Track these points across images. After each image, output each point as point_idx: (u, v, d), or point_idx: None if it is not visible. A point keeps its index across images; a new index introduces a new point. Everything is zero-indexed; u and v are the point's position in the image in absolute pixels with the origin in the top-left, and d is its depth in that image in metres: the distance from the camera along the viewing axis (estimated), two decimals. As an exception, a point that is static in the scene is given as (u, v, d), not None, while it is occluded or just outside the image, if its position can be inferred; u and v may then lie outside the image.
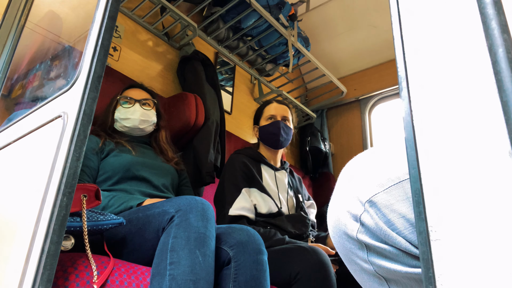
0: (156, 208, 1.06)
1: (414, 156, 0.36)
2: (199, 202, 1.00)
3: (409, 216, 0.48)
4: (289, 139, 1.84)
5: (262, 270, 1.06)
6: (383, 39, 2.74)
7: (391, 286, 0.51)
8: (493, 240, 0.30)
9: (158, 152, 1.59)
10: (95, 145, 1.43)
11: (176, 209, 1.00)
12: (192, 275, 0.88)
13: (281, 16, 2.35)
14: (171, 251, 0.92)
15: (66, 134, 0.80)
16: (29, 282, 0.68)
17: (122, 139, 1.51)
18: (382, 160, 0.53)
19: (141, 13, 2.09)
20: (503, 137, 0.31)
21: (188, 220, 0.96)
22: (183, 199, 1.02)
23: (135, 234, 1.07)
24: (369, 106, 2.94)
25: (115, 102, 1.58)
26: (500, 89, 0.32)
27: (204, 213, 0.99)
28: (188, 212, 0.97)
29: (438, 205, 0.33)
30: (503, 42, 0.33)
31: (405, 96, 0.39)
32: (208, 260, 0.93)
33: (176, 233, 0.95)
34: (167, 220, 0.99)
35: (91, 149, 1.41)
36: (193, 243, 0.92)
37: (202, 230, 0.95)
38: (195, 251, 0.91)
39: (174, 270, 0.89)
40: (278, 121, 1.80)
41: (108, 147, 1.45)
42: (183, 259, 0.90)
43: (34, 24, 1.54)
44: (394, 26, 0.44)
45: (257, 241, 1.11)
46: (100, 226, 0.99)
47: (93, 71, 0.83)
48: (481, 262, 0.30)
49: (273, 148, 1.82)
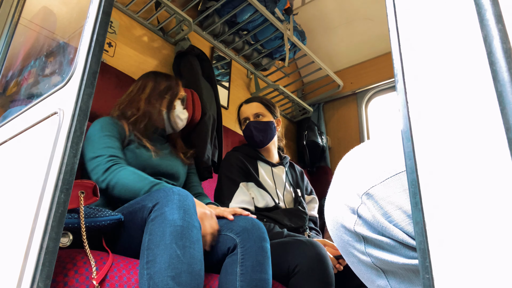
0: (137, 204, 1.06)
1: (411, 147, 0.36)
2: (176, 193, 0.98)
3: (406, 208, 0.48)
4: (269, 133, 1.78)
5: (266, 256, 1.10)
6: (379, 32, 2.74)
7: (389, 277, 0.51)
8: (489, 229, 0.30)
9: (174, 149, 1.58)
10: (122, 131, 1.39)
11: (153, 203, 0.98)
12: (170, 271, 0.86)
13: (276, 10, 2.34)
14: (147, 250, 0.91)
15: (63, 131, 0.80)
16: (28, 279, 0.68)
17: (142, 135, 1.46)
18: (379, 153, 0.53)
19: (135, 8, 2.07)
20: (498, 128, 0.31)
21: (164, 214, 0.94)
22: (161, 192, 1.01)
23: (124, 231, 1.07)
24: (365, 99, 2.94)
25: (173, 98, 1.55)
26: (495, 79, 0.32)
27: (181, 203, 0.96)
28: (164, 206, 0.96)
29: (434, 196, 0.34)
30: (498, 32, 0.33)
31: (401, 88, 0.39)
32: (189, 251, 0.91)
33: (151, 230, 0.93)
34: (146, 216, 0.98)
35: (119, 135, 1.37)
36: (168, 237, 0.90)
37: (178, 223, 0.93)
38: (171, 246, 0.89)
39: (151, 269, 0.87)
40: (249, 123, 1.78)
41: (128, 138, 1.41)
42: (158, 256, 0.88)
43: (28, 20, 1.52)
44: (389, 18, 0.44)
45: (261, 229, 1.15)
46: (98, 223, 0.99)
47: (88, 67, 0.83)
48: (477, 252, 0.31)
49: (258, 148, 1.81)
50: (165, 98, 1.54)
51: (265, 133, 1.76)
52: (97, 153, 1.25)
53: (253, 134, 1.75)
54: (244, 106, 1.86)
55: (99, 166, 1.21)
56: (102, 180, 1.19)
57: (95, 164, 1.22)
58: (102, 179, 1.19)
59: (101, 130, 1.32)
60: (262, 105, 1.83)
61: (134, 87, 1.58)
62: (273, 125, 1.80)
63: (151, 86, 1.55)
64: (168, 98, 1.54)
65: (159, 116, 1.51)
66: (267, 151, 1.82)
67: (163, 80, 1.57)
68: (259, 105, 1.82)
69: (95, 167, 1.22)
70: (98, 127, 1.33)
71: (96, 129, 1.32)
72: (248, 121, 1.80)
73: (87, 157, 1.26)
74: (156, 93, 1.53)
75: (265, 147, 1.80)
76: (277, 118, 1.85)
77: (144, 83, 1.56)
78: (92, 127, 1.35)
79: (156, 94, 1.53)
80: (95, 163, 1.23)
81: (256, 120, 1.78)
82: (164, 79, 1.58)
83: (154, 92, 1.53)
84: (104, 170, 1.20)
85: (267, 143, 1.78)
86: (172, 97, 1.55)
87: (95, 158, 1.24)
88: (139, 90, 1.55)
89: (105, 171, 1.20)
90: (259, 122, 1.77)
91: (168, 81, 1.58)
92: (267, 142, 1.78)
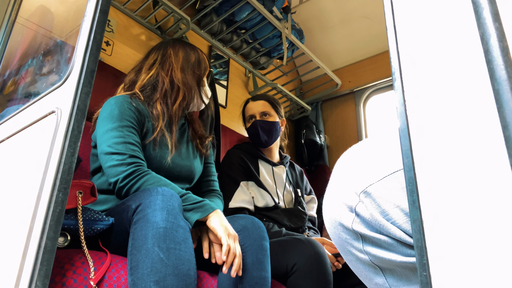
0: (122, 204, 1.02)
1: (408, 146, 0.36)
2: (159, 194, 0.93)
3: (404, 206, 0.49)
4: (274, 134, 1.76)
5: (266, 255, 1.10)
6: (377, 31, 2.74)
7: (387, 275, 0.52)
8: (486, 227, 0.31)
9: (193, 133, 1.40)
10: (141, 118, 1.21)
11: (136, 204, 0.94)
12: (153, 275, 0.83)
13: (274, 8, 2.34)
14: (131, 255, 0.88)
15: (60, 130, 0.79)
16: (27, 278, 0.68)
17: (171, 118, 1.25)
18: (377, 151, 0.53)
19: (133, 7, 2.07)
20: (495, 125, 0.31)
21: (146, 217, 0.90)
22: (146, 192, 0.96)
23: (114, 232, 1.04)
24: (363, 98, 2.94)
25: (203, 73, 1.34)
26: (492, 77, 0.32)
27: (164, 204, 0.91)
28: (146, 207, 0.91)
29: (431, 194, 0.34)
30: (495, 30, 0.33)
31: (398, 86, 0.39)
32: (174, 252, 0.87)
33: (134, 234, 0.90)
34: (130, 217, 0.94)
35: (138, 124, 1.19)
36: (150, 241, 0.86)
37: (161, 224, 0.88)
38: (153, 249, 0.85)
39: (134, 275, 0.85)
40: (255, 122, 1.76)
41: (147, 125, 1.23)
42: (141, 262, 0.85)
43: (25, 19, 1.52)
44: (387, 17, 0.44)
45: (261, 228, 1.15)
46: (93, 227, 0.97)
47: (86, 66, 0.83)
48: (475, 249, 0.31)
49: (261, 147, 1.80)
50: (195, 73, 1.33)
51: (270, 134, 1.76)
52: (115, 148, 1.09)
53: (259, 134, 1.74)
54: (251, 103, 1.84)
55: (119, 168, 1.07)
56: (122, 186, 1.07)
57: (114, 163, 1.08)
58: (122, 185, 1.07)
59: (119, 117, 1.14)
60: (269, 104, 1.81)
61: (157, 54, 1.34)
62: (278, 125, 1.79)
63: (182, 55, 1.33)
64: (197, 73, 1.33)
65: (194, 93, 1.30)
66: (269, 150, 1.82)
67: (192, 51, 1.36)
68: (266, 104, 1.81)
69: (113, 166, 1.08)
70: (116, 111, 1.15)
71: (113, 114, 1.15)
72: (254, 119, 1.78)
73: (102, 148, 1.11)
74: (189, 65, 1.31)
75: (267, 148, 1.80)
76: (282, 118, 1.85)
77: (175, 51, 1.33)
78: (107, 106, 1.18)
79: (190, 66, 1.31)
80: (113, 160, 1.09)
81: (263, 120, 1.77)
82: (192, 50, 1.37)
83: (188, 63, 1.32)
84: (125, 176, 1.07)
85: (272, 143, 1.78)
86: (203, 72, 1.35)
87: (113, 154, 1.09)
88: (168, 57, 1.31)
89: (126, 177, 1.07)
90: (266, 122, 1.76)
91: (197, 53, 1.37)
92: (271, 143, 1.78)
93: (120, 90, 1.35)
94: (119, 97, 1.21)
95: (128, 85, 1.33)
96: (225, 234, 1.01)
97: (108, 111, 1.17)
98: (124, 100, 1.19)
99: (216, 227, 1.03)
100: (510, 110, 0.30)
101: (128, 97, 1.22)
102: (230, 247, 1.00)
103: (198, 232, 1.10)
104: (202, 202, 1.06)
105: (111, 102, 1.19)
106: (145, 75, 1.30)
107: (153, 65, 1.32)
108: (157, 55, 1.34)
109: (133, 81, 1.32)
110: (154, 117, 1.23)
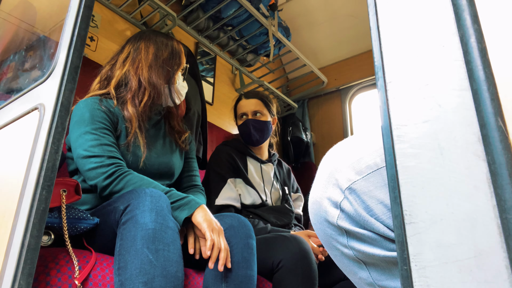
0: (109, 205, 1.01)
1: (390, 144, 0.37)
2: (148, 195, 0.93)
3: (387, 202, 0.50)
4: (266, 133, 1.76)
5: (252, 253, 1.10)
6: (362, 29, 2.76)
7: (370, 269, 0.53)
8: (465, 222, 0.32)
9: (170, 128, 1.37)
10: (114, 118, 1.19)
11: (125, 205, 0.93)
12: (142, 276, 0.83)
13: (261, 5, 2.34)
14: (119, 255, 0.88)
15: (44, 127, 0.78)
16: (10, 277, 0.67)
17: (141, 118, 1.22)
18: (361, 148, 0.54)
19: (118, 2, 2.04)
20: (474, 124, 0.32)
21: (135, 218, 0.90)
22: (134, 192, 0.96)
23: (99, 233, 1.03)
24: (349, 95, 2.98)
25: (176, 69, 1.29)
26: (471, 78, 0.33)
27: (153, 205, 0.91)
28: (135, 208, 0.91)
29: (412, 190, 0.35)
30: (474, 32, 0.34)
31: (381, 85, 0.40)
32: (163, 254, 0.87)
33: (122, 235, 0.90)
34: (118, 218, 0.94)
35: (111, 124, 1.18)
36: (139, 242, 0.86)
37: (150, 226, 0.88)
38: (142, 250, 0.85)
39: (122, 276, 0.85)
40: (247, 121, 1.75)
41: (120, 126, 1.21)
42: (129, 262, 0.85)
43: (6, 13, 1.48)
44: (371, 17, 0.44)
45: (247, 227, 1.15)
46: (77, 226, 0.97)
47: (70, 62, 0.81)
48: (453, 244, 0.32)
49: (252, 146, 1.80)
50: (167, 69, 1.27)
51: (262, 133, 1.75)
52: (91, 151, 1.09)
53: (251, 133, 1.73)
54: (244, 100, 1.82)
55: (99, 170, 1.07)
56: (104, 186, 1.07)
57: (92, 166, 1.08)
58: (104, 185, 1.07)
59: (91, 120, 1.14)
60: (262, 103, 1.80)
61: (130, 47, 1.30)
62: (270, 125, 1.79)
63: (153, 51, 1.28)
64: (168, 70, 1.27)
65: (163, 91, 1.27)
66: (258, 148, 1.81)
67: (165, 45, 1.30)
68: (259, 103, 1.79)
69: (92, 169, 1.08)
70: (87, 114, 1.14)
71: (84, 117, 1.14)
72: (246, 117, 1.77)
73: (78, 152, 1.10)
74: (158, 61, 1.27)
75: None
76: (273, 117, 1.84)
77: (146, 45, 1.28)
78: (76, 110, 1.17)
79: (159, 63, 1.26)
80: (91, 163, 1.08)
81: (255, 119, 1.75)
82: (166, 44, 1.30)
83: (157, 60, 1.27)
84: (107, 176, 1.07)
85: (263, 142, 1.77)
86: (175, 68, 1.30)
87: (91, 157, 1.09)
88: (139, 53, 1.27)
89: (108, 177, 1.07)
90: (258, 121, 1.75)
91: (170, 47, 1.31)
92: (262, 142, 1.77)
93: (95, 84, 1.32)
94: (88, 100, 1.19)
95: (104, 78, 1.30)
96: (209, 228, 1.02)
97: (78, 115, 1.16)
98: (93, 102, 1.18)
99: (200, 221, 1.03)
100: (488, 109, 0.31)
101: (97, 99, 1.21)
102: (214, 242, 1.00)
103: (184, 229, 1.10)
104: (186, 198, 1.06)
105: (80, 106, 1.18)
106: (119, 71, 1.28)
107: (126, 60, 1.29)
108: (130, 48, 1.31)
109: (108, 76, 1.30)
110: (127, 119, 1.22)
